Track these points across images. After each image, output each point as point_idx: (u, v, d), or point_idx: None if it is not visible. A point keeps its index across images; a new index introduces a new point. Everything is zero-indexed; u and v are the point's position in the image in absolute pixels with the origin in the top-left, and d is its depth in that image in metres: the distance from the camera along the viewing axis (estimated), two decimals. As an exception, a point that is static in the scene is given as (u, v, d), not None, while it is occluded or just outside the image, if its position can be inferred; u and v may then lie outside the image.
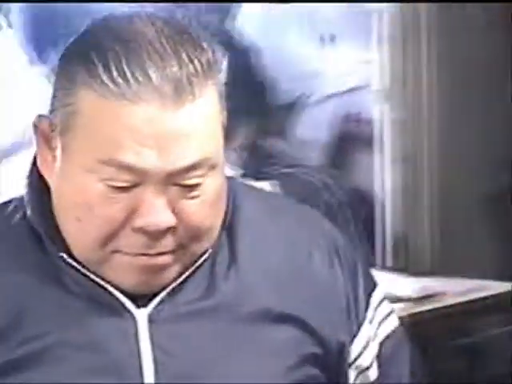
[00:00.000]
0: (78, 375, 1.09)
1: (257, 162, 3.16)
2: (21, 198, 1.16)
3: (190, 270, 1.12)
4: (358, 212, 3.05)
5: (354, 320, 1.22)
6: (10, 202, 1.19)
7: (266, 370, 1.16)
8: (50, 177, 1.11)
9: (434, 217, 3.14)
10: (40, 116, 1.12)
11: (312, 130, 3.36)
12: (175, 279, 1.11)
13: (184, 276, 1.12)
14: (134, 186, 1.04)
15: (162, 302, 1.12)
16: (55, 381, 1.08)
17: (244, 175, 2.99)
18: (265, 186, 2.91)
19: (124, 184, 1.04)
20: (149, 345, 1.11)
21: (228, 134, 1.14)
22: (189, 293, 1.13)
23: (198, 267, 1.13)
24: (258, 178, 2.94)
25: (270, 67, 3.31)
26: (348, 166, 3.29)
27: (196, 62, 1.04)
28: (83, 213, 1.06)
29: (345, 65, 3.32)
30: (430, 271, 2.96)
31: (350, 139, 3.34)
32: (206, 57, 1.06)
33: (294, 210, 1.30)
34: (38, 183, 1.13)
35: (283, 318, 1.17)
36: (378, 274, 1.57)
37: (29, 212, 1.12)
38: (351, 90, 3.33)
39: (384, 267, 2.97)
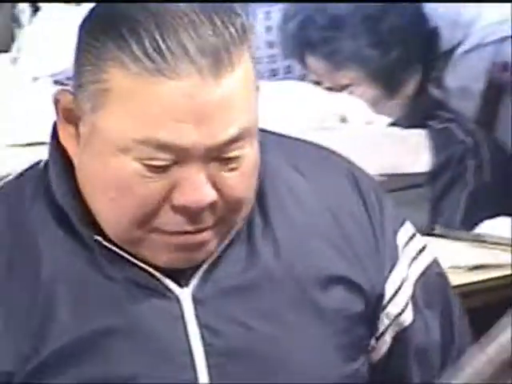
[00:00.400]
0: (126, 363, 1.08)
1: (413, 112, 3.11)
2: (38, 174, 1.14)
3: (227, 242, 1.11)
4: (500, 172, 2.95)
5: (387, 265, 1.21)
6: (21, 177, 1.16)
7: (320, 339, 1.16)
8: (75, 154, 1.08)
9: None
10: (62, 90, 1.10)
11: (467, 79, 3.24)
12: (213, 253, 1.10)
13: (222, 249, 1.11)
14: (173, 163, 1.02)
15: (203, 278, 1.10)
16: (104, 371, 1.07)
17: (394, 124, 2.97)
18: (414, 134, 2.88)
19: (163, 163, 1.01)
20: (196, 326, 1.10)
21: (397, 83, 1.14)
22: (229, 266, 1.12)
23: (234, 238, 1.12)
24: (408, 127, 2.91)
25: (431, 15, 3.23)
26: (500, 118, 3.16)
27: (231, 28, 1.01)
28: (118, 193, 1.04)
29: (501, 13, 3.18)
30: None
31: (505, 89, 3.20)
32: (240, 21, 1.03)
33: (317, 158, 1.26)
34: (61, 160, 1.10)
35: (331, 281, 1.17)
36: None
37: (57, 194, 1.10)
38: (507, 39, 3.19)
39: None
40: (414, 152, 2.75)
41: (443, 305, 1.28)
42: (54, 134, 1.11)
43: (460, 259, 2.28)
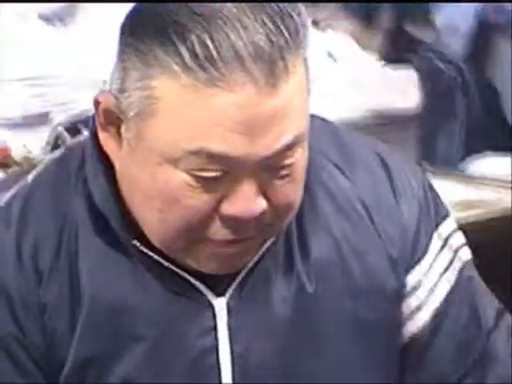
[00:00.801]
0: (149, 371, 1.08)
1: (398, 47, 3.16)
2: (79, 160, 1.10)
3: (264, 250, 1.07)
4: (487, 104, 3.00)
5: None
6: (65, 157, 1.14)
7: (365, 353, 1.14)
8: (116, 156, 1.04)
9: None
10: (103, 92, 1.04)
11: (455, 18, 3.28)
12: (252, 258, 1.07)
13: (259, 256, 1.07)
14: (224, 174, 0.97)
15: (239, 287, 1.08)
16: (125, 376, 1.07)
17: (385, 59, 3.02)
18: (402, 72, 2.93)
19: (213, 174, 0.96)
20: (227, 338, 1.08)
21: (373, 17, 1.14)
22: (265, 276, 1.09)
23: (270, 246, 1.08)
24: (397, 62, 2.96)
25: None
26: (486, 56, 3.20)
27: (285, 32, 0.95)
28: (166, 205, 1.00)
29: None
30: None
31: (492, 29, 3.24)
32: (294, 24, 0.96)
33: (350, 147, 1.19)
34: (100, 161, 1.07)
35: (370, 292, 1.13)
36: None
37: (96, 197, 1.07)
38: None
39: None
40: (403, 89, 2.80)
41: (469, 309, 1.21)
42: (93, 134, 1.07)
43: (445, 195, 2.34)
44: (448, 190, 2.47)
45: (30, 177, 1.13)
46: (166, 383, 1.07)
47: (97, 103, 1.02)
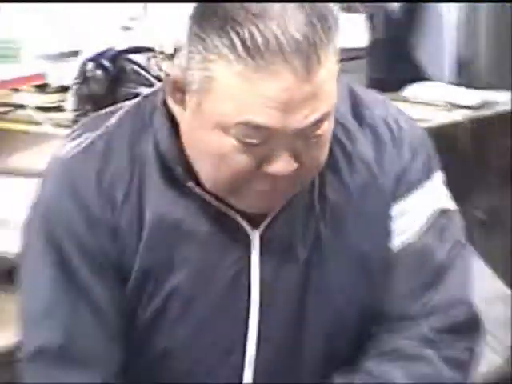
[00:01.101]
0: (184, 297, 1.35)
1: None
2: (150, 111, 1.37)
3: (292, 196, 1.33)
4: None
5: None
6: (139, 107, 1.40)
7: (365, 281, 1.41)
8: (181, 116, 1.29)
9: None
10: (173, 67, 1.38)
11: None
12: (282, 203, 1.33)
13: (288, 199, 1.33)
14: (265, 140, 1.21)
15: (271, 222, 1.35)
16: (161, 300, 1.34)
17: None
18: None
19: (256, 141, 1.21)
20: (258, 261, 1.35)
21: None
22: (292, 215, 1.36)
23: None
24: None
25: None
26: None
27: (320, 31, 1.17)
28: (217, 161, 1.24)
29: None
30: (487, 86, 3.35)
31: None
32: (328, 23, 1.19)
33: (363, 105, 1.44)
34: (168, 121, 1.33)
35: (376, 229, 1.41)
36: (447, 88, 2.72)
37: (162, 145, 1.33)
38: None
39: (451, 82, 3.36)
40: (354, 30, 3.18)
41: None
42: (163, 100, 1.33)
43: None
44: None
45: (113, 120, 1.38)
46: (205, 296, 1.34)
47: (167, 75, 1.31)
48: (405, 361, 1.39)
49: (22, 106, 2.58)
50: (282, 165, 1.23)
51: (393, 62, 3.37)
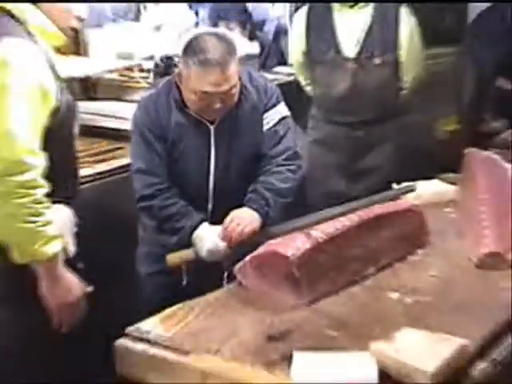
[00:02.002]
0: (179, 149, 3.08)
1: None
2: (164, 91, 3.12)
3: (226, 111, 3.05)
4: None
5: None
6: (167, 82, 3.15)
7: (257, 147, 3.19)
8: (181, 87, 2.99)
9: None
10: (177, 69, 3.06)
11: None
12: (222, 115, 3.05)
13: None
14: (208, 96, 2.91)
15: (219, 123, 3.06)
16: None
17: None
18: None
19: (205, 96, 2.91)
20: (213, 144, 3.08)
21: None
22: (230, 121, 3.07)
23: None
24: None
25: None
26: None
27: (229, 53, 2.89)
28: (193, 103, 2.97)
29: None
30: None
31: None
32: (233, 48, 2.93)
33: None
34: (176, 87, 3.03)
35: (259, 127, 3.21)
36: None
37: (176, 96, 3.03)
38: None
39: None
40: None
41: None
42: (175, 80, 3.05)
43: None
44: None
45: (161, 84, 3.16)
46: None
47: (176, 71, 3.08)
48: (272, 174, 3.09)
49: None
50: (218, 105, 2.94)
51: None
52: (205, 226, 2.95)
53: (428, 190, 3.60)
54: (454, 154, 3.77)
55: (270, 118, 3.13)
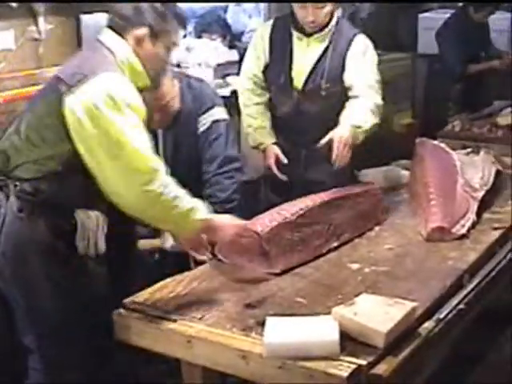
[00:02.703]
0: None
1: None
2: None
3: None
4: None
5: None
6: None
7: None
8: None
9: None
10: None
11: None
12: None
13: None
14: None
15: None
16: None
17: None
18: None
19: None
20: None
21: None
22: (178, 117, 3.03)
23: None
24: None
25: None
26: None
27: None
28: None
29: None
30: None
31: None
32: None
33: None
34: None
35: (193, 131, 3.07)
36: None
37: None
38: None
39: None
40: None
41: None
42: None
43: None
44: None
45: None
46: None
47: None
48: (211, 186, 2.94)
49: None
50: (157, 116, 2.91)
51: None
52: None
53: (385, 174, 3.58)
54: (409, 143, 3.73)
55: (203, 122, 2.96)
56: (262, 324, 2.10)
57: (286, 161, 3.33)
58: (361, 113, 3.17)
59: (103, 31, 2.38)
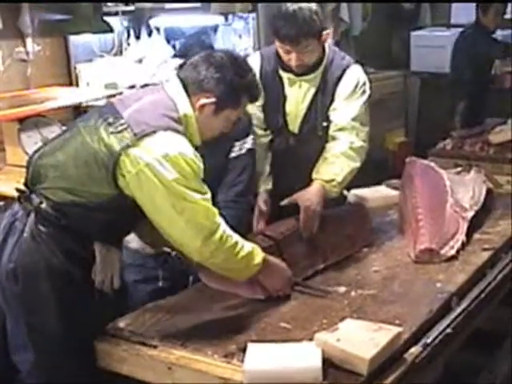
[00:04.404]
0: None
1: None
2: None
3: None
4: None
5: None
6: None
7: None
8: None
9: None
10: None
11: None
12: None
13: None
14: None
15: None
16: None
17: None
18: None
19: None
20: None
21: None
22: None
23: None
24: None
25: None
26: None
27: None
28: None
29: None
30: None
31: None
32: None
33: None
34: None
35: None
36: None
37: None
38: None
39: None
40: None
41: None
42: None
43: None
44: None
45: None
46: None
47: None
48: (224, 209, 2.53)
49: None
50: None
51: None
52: None
53: (375, 194, 3.53)
54: (402, 162, 3.68)
55: (239, 148, 2.84)
56: (244, 350, 2.05)
57: (265, 209, 3.06)
58: (333, 162, 2.93)
59: (172, 81, 2.37)
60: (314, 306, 2.42)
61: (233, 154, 2.84)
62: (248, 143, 2.88)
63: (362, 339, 2.02)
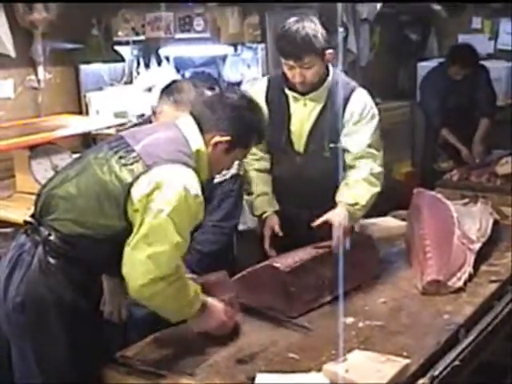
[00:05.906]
0: None
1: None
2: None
3: None
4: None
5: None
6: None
7: None
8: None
9: None
10: None
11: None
12: None
13: None
14: None
15: None
16: None
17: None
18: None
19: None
20: None
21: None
22: None
23: None
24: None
25: None
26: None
27: None
28: None
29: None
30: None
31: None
32: None
33: None
34: None
35: None
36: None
37: None
38: None
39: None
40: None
41: None
42: None
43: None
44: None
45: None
46: None
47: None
48: (203, 234, 2.77)
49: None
50: None
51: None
52: None
53: (382, 225, 3.55)
54: (409, 193, 3.70)
55: (223, 173, 2.83)
56: (253, 380, 2.06)
57: (281, 234, 3.04)
58: (356, 187, 2.97)
59: (184, 118, 2.40)
60: (322, 336, 2.43)
61: (216, 180, 2.86)
62: (233, 168, 2.90)
63: (369, 370, 2.03)
